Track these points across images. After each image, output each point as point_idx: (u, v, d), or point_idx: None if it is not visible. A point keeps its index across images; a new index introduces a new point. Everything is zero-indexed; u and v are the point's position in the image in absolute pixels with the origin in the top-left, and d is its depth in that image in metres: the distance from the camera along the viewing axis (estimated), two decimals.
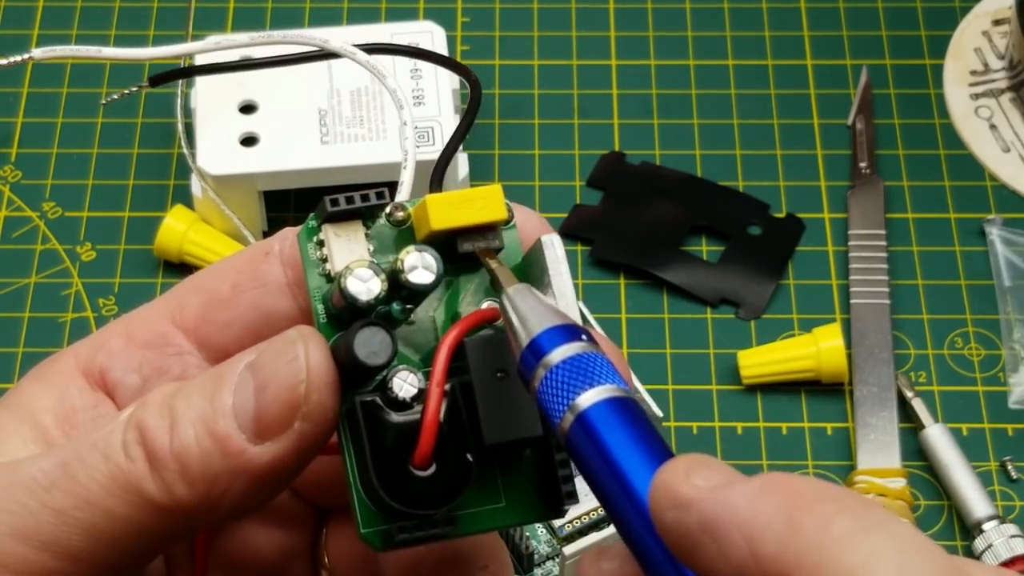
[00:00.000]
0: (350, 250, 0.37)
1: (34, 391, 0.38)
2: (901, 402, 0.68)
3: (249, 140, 0.70)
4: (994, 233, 0.73)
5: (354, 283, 0.35)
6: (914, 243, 0.73)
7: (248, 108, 0.71)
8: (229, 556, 0.40)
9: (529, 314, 0.35)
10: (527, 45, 0.80)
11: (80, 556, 0.35)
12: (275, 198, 0.71)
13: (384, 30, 0.73)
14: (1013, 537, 0.63)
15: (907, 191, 0.75)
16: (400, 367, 0.36)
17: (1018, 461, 0.67)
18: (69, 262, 0.72)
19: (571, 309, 0.36)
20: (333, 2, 0.81)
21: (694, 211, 0.74)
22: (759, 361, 0.69)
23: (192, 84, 0.72)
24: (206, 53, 0.67)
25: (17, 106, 0.77)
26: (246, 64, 0.67)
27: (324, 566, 0.41)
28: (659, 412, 0.60)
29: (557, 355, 0.34)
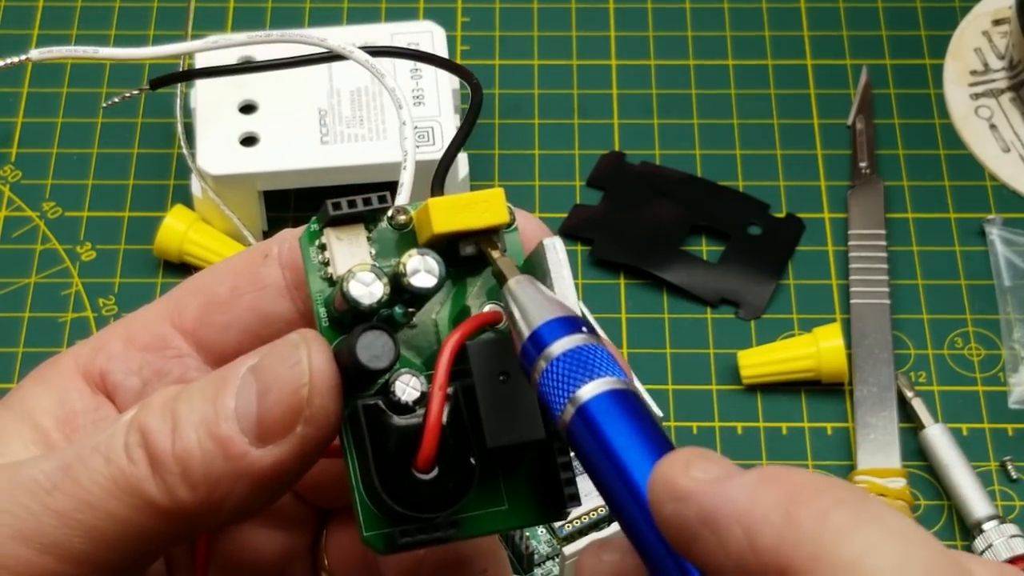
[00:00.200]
0: (352, 253, 0.37)
1: (34, 393, 0.38)
2: (901, 402, 0.68)
3: (249, 140, 0.70)
4: (994, 233, 0.73)
5: (356, 287, 0.35)
6: (914, 243, 0.73)
7: (248, 108, 0.71)
8: (229, 557, 0.40)
9: (530, 306, 0.35)
10: (527, 45, 0.80)
11: (82, 558, 0.35)
12: (275, 198, 0.71)
13: (384, 30, 0.73)
14: (1013, 537, 0.63)
15: (907, 191, 0.75)
16: (402, 370, 0.36)
17: (1018, 461, 0.67)
18: (69, 262, 0.72)
19: (573, 312, 0.36)
20: (333, 2, 0.81)
21: (694, 211, 0.74)
22: (759, 361, 0.69)
23: (192, 84, 0.72)
24: (205, 53, 0.67)
25: (17, 106, 0.77)
26: (247, 67, 0.66)
27: (324, 568, 0.41)
28: (659, 412, 0.60)
29: (558, 347, 0.34)
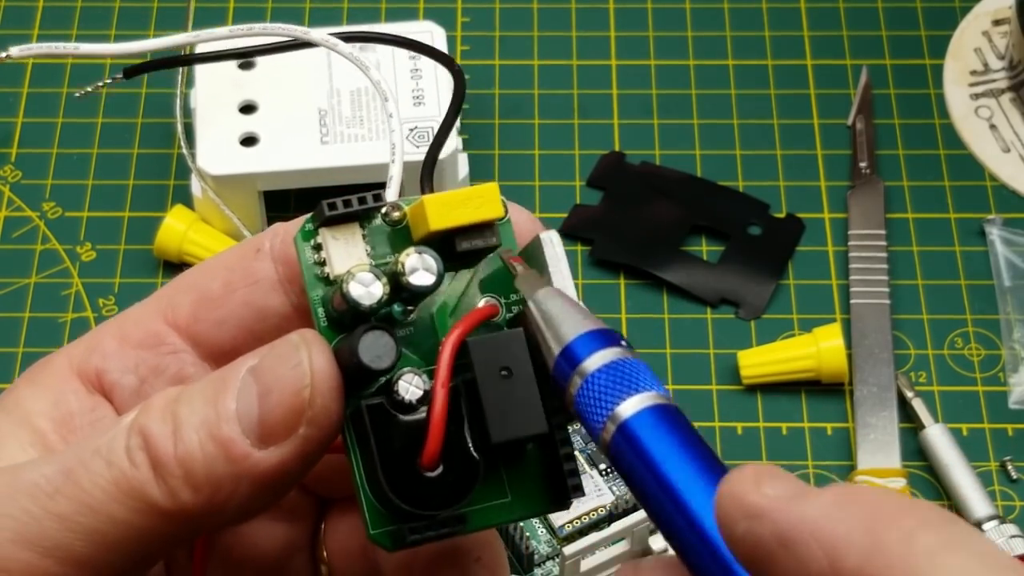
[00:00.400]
0: (348, 253, 0.37)
1: (28, 395, 0.38)
2: (901, 402, 0.68)
3: (249, 140, 0.70)
4: (994, 233, 0.73)
5: (356, 288, 0.35)
6: (914, 243, 0.73)
7: (248, 108, 0.71)
8: (230, 552, 0.40)
9: (560, 319, 0.35)
10: (527, 45, 0.80)
11: (84, 561, 0.35)
12: (275, 198, 0.71)
13: (384, 30, 0.73)
14: (1013, 537, 0.63)
15: (907, 191, 0.75)
16: (404, 370, 0.36)
17: (1018, 461, 0.67)
18: (69, 262, 0.72)
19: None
20: (333, 2, 0.81)
21: (694, 211, 0.74)
22: (759, 361, 0.69)
23: (192, 84, 0.72)
24: (185, 47, 0.67)
25: (17, 106, 0.77)
26: (223, 54, 0.66)
27: (323, 560, 0.41)
28: None
29: (593, 362, 0.34)
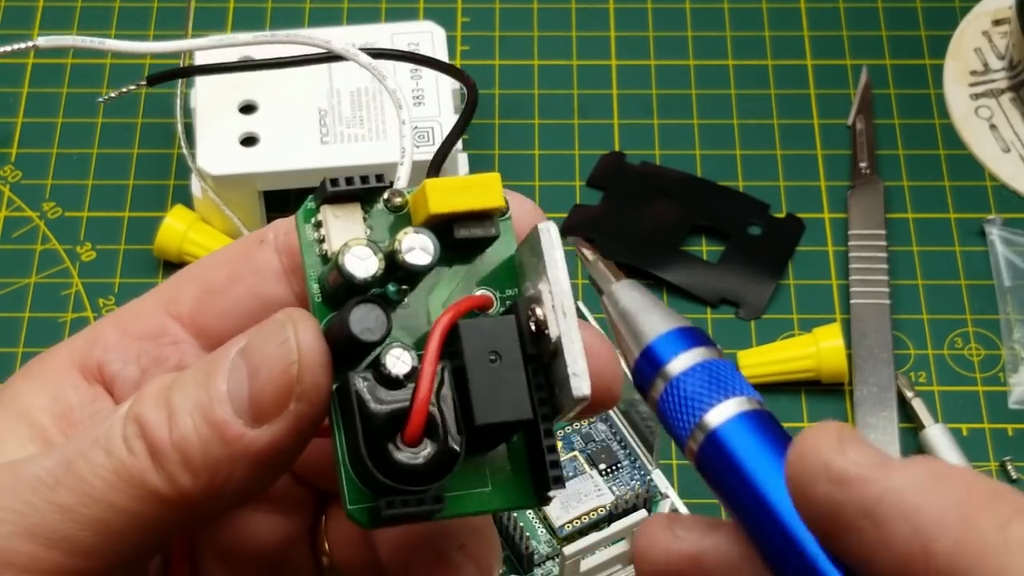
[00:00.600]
0: (348, 231, 0.37)
1: (26, 390, 0.38)
2: (901, 402, 0.68)
3: (249, 140, 0.70)
4: (994, 233, 0.73)
5: (352, 260, 0.36)
6: (914, 243, 0.73)
7: (248, 108, 0.71)
8: (229, 544, 0.40)
9: (639, 315, 0.33)
10: (527, 45, 0.80)
11: (89, 551, 0.35)
12: (275, 198, 0.71)
13: (384, 30, 0.73)
14: None
15: (907, 191, 0.75)
16: (394, 344, 0.36)
17: (1018, 461, 0.67)
18: (69, 262, 0.72)
19: (568, 302, 0.36)
20: (333, 2, 0.81)
21: (694, 211, 0.74)
22: (759, 361, 0.69)
23: (192, 84, 0.72)
24: (207, 51, 0.67)
25: (17, 106, 0.77)
26: (245, 65, 0.67)
27: (323, 551, 0.41)
28: None
29: (678, 365, 0.32)
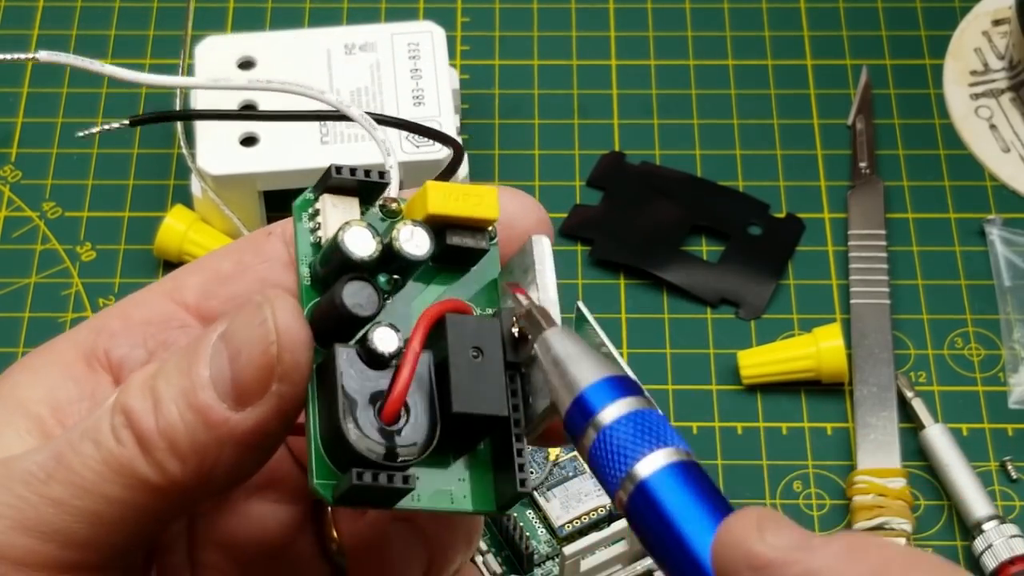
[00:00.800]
0: (344, 220, 0.38)
1: (24, 381, 0.39)
2: (901, 402, 0.68)
3: (249, 140, 0.70)
4: (994, 233, 0.73)
5: (351, 238, 0.36)
6: (914, 243, 0.73)
7: (248, 108, 0.71)
8: (233, 534, 0.40)
9: (572, 363, 0.34)
10: (527, 45, 0.80)
11: (83, 543, 0.35)
12: (275, 198, 0.71)
13: (384, 30, 0.73)
14: (1013, 537, 0.63)
15: (907, 191, 0.75)
16: (382, 323, 0.36)
17: (1018, 461, 0.67)
18: (69, 262, 0.72)
19: (553, 305, 0.37)
20: (333, 2, 0.81)
21: (694, 211, 0.74)
22: (759, 361, 0.69)
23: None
24: (203, 89, 0.67)
25: (17, 106, 0.77)
26: (232, 114, 0.67)
27: (332, 539, 0.41)
28: (659, 412, 0.60)
29: (609, 414, 0.32)
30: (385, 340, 0.36)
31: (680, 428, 0.68)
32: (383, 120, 0.48)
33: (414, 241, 0.37)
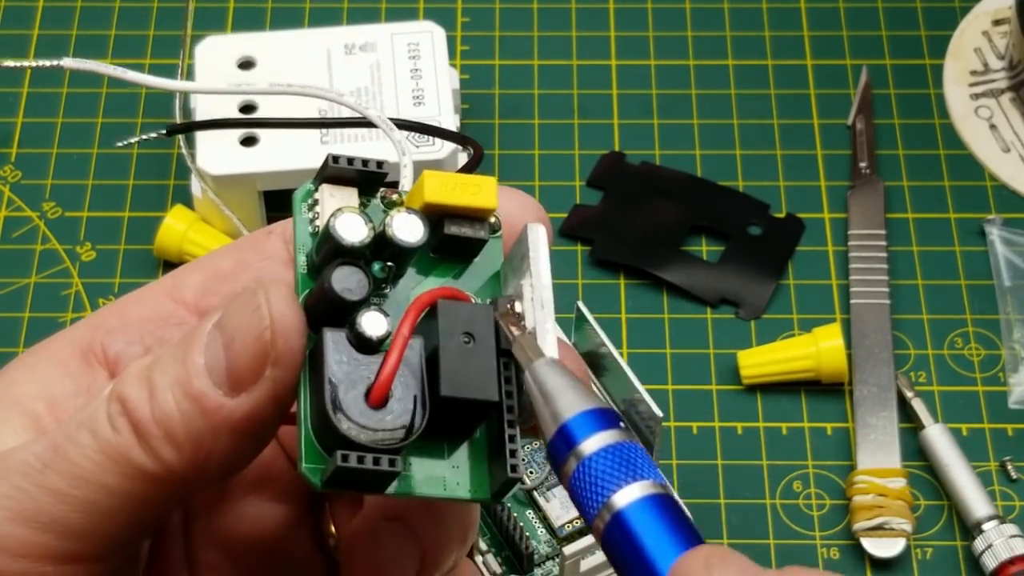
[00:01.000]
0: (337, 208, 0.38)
1: (21, 378, 0.39)
2: (901, 402, 0.68)
3: (249, 140, 0.70)
4: (994, 233, 0.73)
5: (342, 224, 0.36)
6: (914, 243, 0.73)
7: (248, 108, 0.71)
8: (230, 532, 0.40)
9: (558, 394, 0.34)
10: (527, 45, 0.80)
11: (81, 533, 0.35)
12: (275, 198, 0.71)
13: (384, 30, 0.73)
14: (1013, 537, 0.63)
15: (907, 191, 0.75)
16: (372, 308, 0.36)
17: (1018, 461, 0.67)
18: (69, 262, 0.73)
19: (547, 295, 0.36)
20: (333, 2, 0.81)
21: (694, 211, 0.74)
22: (759, 361, 0.69)
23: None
24: (228, 94, 0.68)
25: (17, 106, 0.77)
26: (265, 122, 0.67)
27: (330, 533, 0.41)
28: (659, 412, 0.60)
29: (590, 445, 0.33)
30: (373, 324, 0.36)
31: (680, 428, 0.68)
32: (403, 124, 0.49)
33: (407, 228, 0.37)
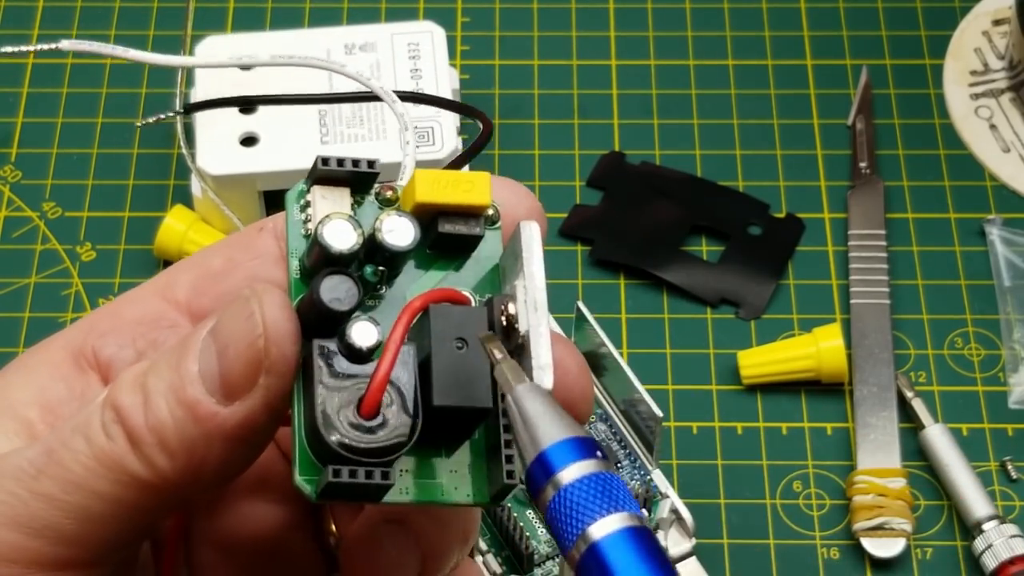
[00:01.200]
0: (333, 211, 0.37)
1: (14, 383, 0.38)
2: (901, 402, 0.68)
3: (249, 140, 0.70)
4: (994, 233, 0.73)
5: (330, 232, 0.36)
6: (914, 243, 0.73)
7: (248, 108, 0.71)
8: (229, 534, 0.40)
9: (538, 421, 0.34)
10: (527, 45, 0.80)
11: (74, 539, 0.35)
12: (275, 198, 0.71)
13: (384, 30, 0.73)
14: (1013, 537, 0.63)
15: (907, 191, 0.75)
16: (362, 317, 0.36)
17: (1018, 461, 0.67)
18: (69, 262, 0.72)
19: (540, 296, 0.36)
20: (333, 2, 0.81)
21: (694, 211, 0.74)
22: (759, 361, 0.69)
23: (192, 84, 0.72)
24: (210, 68, 0.67)
25: (17, 106, 0.77)
26: (287, 98, 0.66)
27: (331, 532, 0.41)
28: (659, 412, 0.60)
29: (568, 474, 0.33)
30: (363, 335, 0.35)
31: (680, 428, 0.68)
32: (407, 96, 0.48)
33: (398, 232, 0.36)
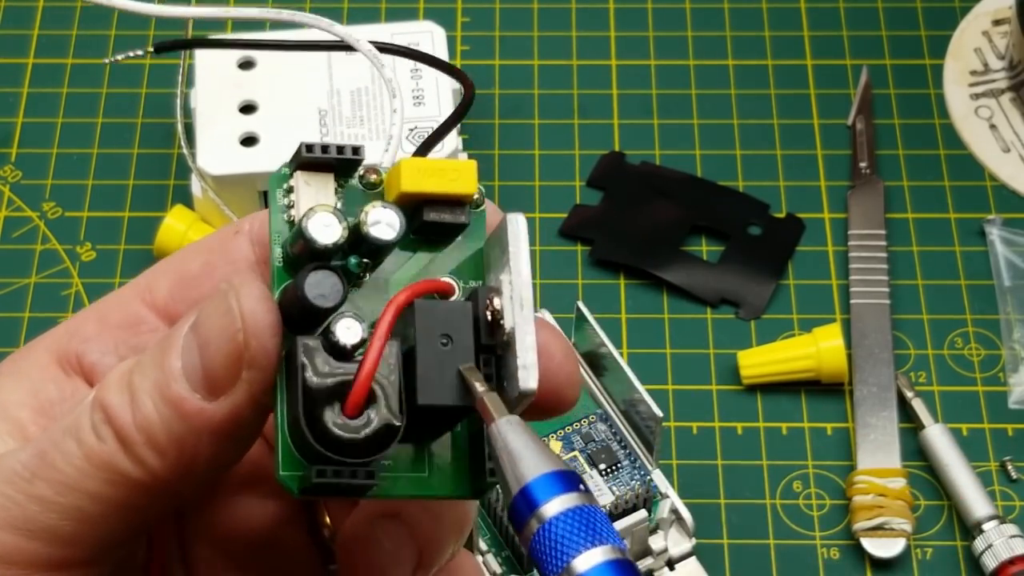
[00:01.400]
0: (317, 200, 0.37)
1: (5, 386, 0.39)
2: (901, 402, 0.68)
3: (249, 140, 0.70)
4: (994, 233, 0.73)
5: (315, 225, 0.35)
6: (914, 243, 0.73)
7: (248, 108, 0.71)
8: (223, 529, 0.40)
9: (521, 454, 0.34)
10: (527, 45, 0.80)
11: (70, 540, 0.35)
12: None
13: (384, 30, 0.73)
14: (1013, 537, 0.63)
15: (907, 191, 0.75)
16: (346, 314, 0.35)
17: (1018, 461, 0.67)
18: (69, 262, 0.73)
19: (527, 293, 0.36)
20: (333, 2, 0.81)
21: (694, 211, 0.74)
22: (759, 361, 0.69)
23: (192, 84, 0.72)
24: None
25: (17, 106, 0.77)
26: (255, 42, 0.66)
27: (326, 525, 0.41)
28: (659, 412, 0.60)
29: (552, 508, 0.33)
30: (348, 332, 0.35)
31: (680, 428, 0.68)
32: (386, 48, 0.47)
33: (383, 224, 0.36)
